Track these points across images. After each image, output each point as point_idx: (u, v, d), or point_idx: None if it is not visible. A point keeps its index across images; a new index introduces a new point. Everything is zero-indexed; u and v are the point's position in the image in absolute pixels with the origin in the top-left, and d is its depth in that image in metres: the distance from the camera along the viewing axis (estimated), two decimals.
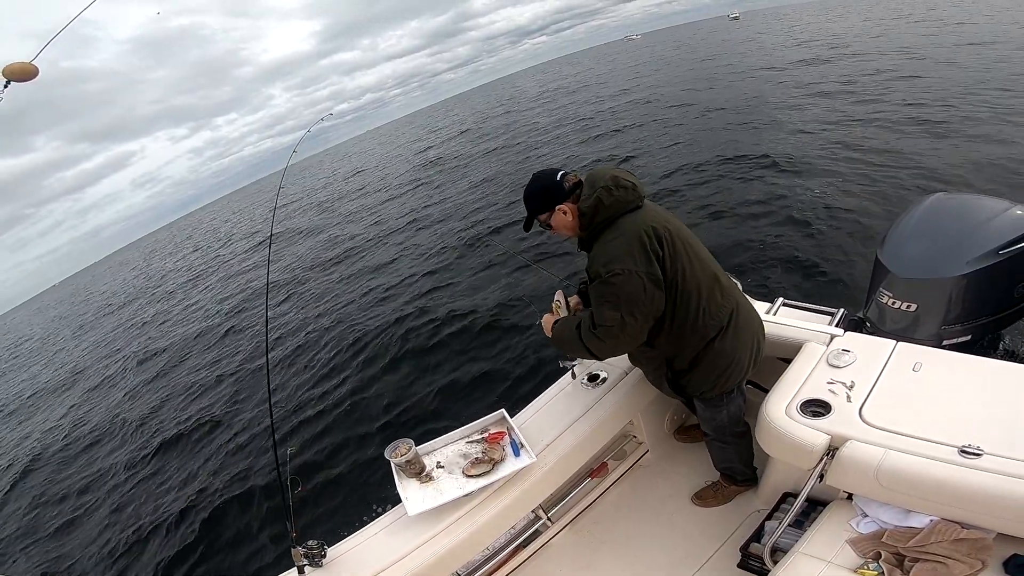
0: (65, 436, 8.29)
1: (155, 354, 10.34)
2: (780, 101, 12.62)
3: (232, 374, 7.56)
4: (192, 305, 13.36)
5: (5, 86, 1.44)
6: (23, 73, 1.43)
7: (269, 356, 2.24)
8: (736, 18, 71.68)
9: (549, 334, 1.91)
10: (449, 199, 12.89)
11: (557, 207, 1.70)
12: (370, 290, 8.48)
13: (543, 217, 1.75)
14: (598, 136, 14.35)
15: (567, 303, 1.99)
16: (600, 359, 1.90)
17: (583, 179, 1.71)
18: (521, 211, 1.80)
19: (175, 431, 6.48)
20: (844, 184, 6.68)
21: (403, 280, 8.35)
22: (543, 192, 1.71)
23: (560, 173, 1.71)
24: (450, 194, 13.43)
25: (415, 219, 12.06)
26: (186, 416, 6.79)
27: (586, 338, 1.68)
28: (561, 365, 2.39)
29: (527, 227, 1.82)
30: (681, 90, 18.53)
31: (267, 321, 2.42)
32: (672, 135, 12.13)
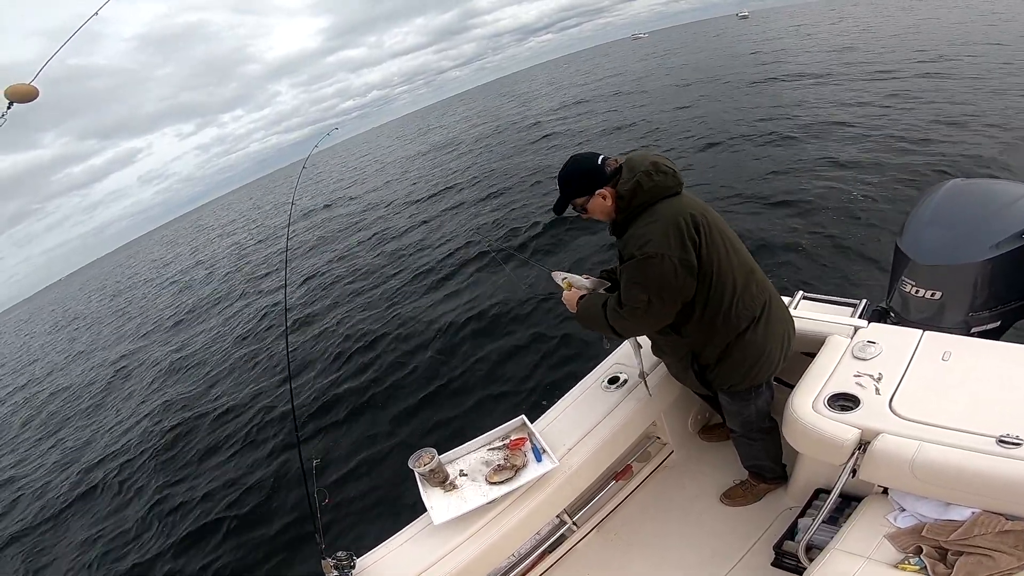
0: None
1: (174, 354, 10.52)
2: (794, 93, 12.57)
3: (254, 383, 7.65)
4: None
5: (8, 107, 1.49)
6: (25, 95, 1.48)
7: (291, 367, 2.27)
8: (745, 17, 70.78)
9: (573, 309, 1.90)
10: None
11: (597, 191, 1.66)
12: (386, 299, 8.53)
13: (580, 200, 1.70)
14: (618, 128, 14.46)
15: (578, 277, 1.98)
16: (623, 338, 1.96)
17: (622, 163, 1.69)
18: (548, 198, 1.78)
19: (196, 442, 6.56)
20: (860, 173, 6.61)
21: (418, 290, 8.39)
22: (584, 176, 1.67)
23: (601, 157, 1.68)
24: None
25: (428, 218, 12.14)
26: (208, 429, 6.86)
27: (611, 316, 1.69)
28: (605, 347, 2.42)
29: (560, 210, 1.78)
30: (694, 84, 18.55)
31: (287, 340, 2.44)
32: (688, 126, 12.13)
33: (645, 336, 2.08)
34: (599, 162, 1.67)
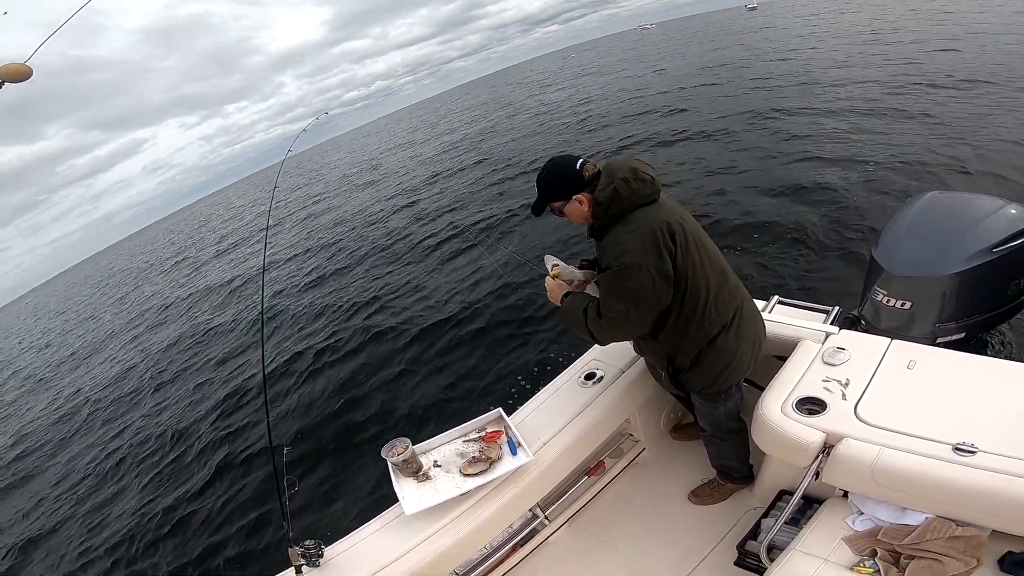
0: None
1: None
2: (782, 95, 12.60)
3: (224, 369, 7.54)
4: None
5: (0, 86, 1.45)
6: (17, 74, 1.44)
7: (264, 353, 2.23)
8: (754, 8, 67.91)
9: (556, 302, 1.89)
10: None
11: (574, 196, 1.66)
12: (365, 287, 8.47)
13: (557, 204, 1.71)
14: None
15: (568, 267, 1.95)
16: (602, 345, 1.91)
17: (601, 168, 1.68)
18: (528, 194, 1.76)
19: (163, 430, 6.46)
20: (839, 181, 6.70)
21: (397, 278, 8.34)
22: (562, 180, 1.67)
23: (580, 161, 1.68)
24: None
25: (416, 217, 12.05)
26: (177, 414, 6.77)
27: (591, 324, 1.70)
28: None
29: (537, 211, 1.77)
30: (678, 83, 18.47)
31: (263, 323, 2.39)
32: (675, 123, 12.13)
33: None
34: (578, 167, 1.66)
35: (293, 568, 1.72)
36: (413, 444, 2.03)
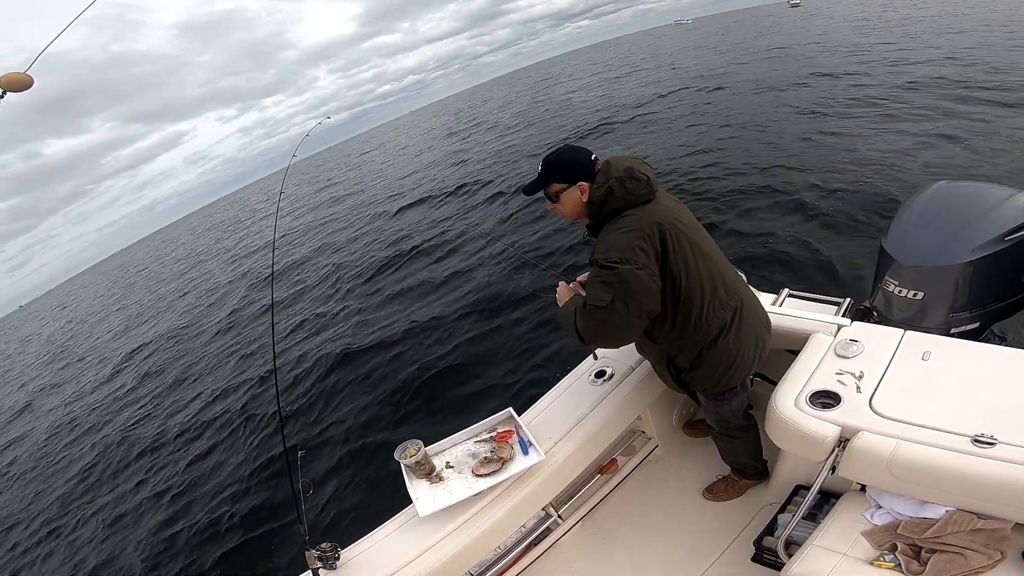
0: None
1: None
2: (788, 88, 12.53)
3: (239, 372, 7.58)
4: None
5: (1, 96, 1.45)
6: (19, 84, 1.45)
7: (276, 359, 2.24)
8: (797, 5, 64.06)
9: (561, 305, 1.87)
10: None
11: (578, 183, 1.67)
12: (374, 287, 8.50)
13: (558, 187, 1.70)
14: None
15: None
16: (585, 344, 1.70)
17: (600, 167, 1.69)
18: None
19: (177, 433, 6.50)
20: (846, 173, 6.65)
21: (409, 279, 8.35)
22: (573, 164, 1.68)
23: (593, 154, 1.70)
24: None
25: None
26: (191, 417, 6.81)
27: (579, 317, 1.65)
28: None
29: (531, 191, 1.77)
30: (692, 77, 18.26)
31: (273, 326, 2.41)
32: (684, 116, 12.06)
33: None
34: (592, 158, 1.68)
35: (310, 571, 1.72)
36: (425, 445, 2.03)
